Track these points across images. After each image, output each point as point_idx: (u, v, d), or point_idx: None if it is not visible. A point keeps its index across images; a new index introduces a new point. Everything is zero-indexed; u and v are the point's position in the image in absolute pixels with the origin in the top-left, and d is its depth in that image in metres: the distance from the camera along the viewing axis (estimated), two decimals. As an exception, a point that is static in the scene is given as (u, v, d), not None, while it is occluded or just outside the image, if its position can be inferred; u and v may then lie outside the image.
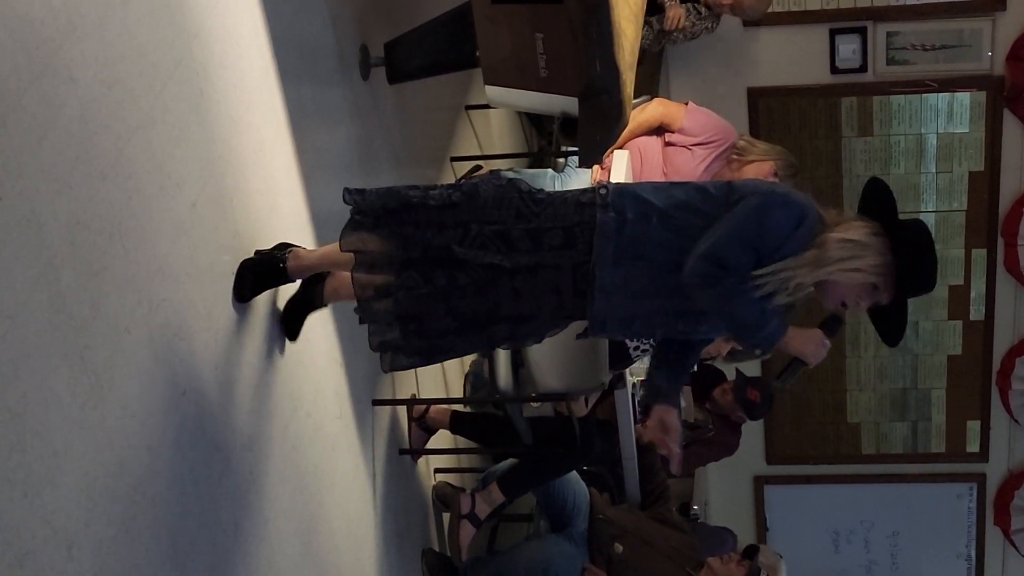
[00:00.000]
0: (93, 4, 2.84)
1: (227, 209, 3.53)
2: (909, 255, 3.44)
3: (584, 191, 3.55)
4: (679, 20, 6.42)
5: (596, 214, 3.45)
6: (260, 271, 3.65)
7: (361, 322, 3.64)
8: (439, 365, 5.81)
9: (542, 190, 3.54)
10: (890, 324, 3.60)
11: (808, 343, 3.56)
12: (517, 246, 3.45)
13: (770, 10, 6.98)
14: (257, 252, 3.68)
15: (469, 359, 6.31)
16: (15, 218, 2.47)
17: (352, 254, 3.53)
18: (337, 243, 3.61)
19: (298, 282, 3.86)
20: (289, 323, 3.93)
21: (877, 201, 3.56)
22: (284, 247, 3.73)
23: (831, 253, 3.38)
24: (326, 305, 3.99)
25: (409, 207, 3.49)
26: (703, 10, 6.54)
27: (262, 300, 3.74)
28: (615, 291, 3.47)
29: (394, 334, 3.59)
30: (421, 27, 4.86)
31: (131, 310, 2.91)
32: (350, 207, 3.54)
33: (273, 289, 3.80)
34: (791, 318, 3.56)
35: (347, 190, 3.54)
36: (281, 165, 3.97)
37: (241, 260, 3.60)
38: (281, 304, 3.90)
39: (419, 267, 3.48)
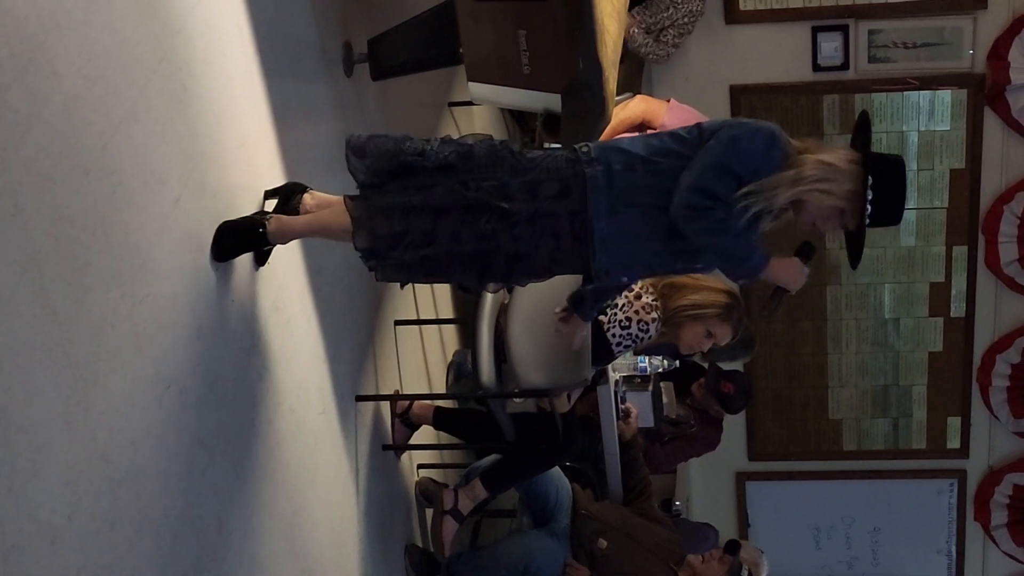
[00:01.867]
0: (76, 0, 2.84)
1: (210, 204, 3.53)
2: (879, 187, 3.55)
3: (571, 149, 3.68)
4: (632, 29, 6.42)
5: (584, 170, 3.58)
6: (240, 232, 3.66)
7: (369, 268, 3.73)
8: (422, 360, 5.82)
9: (532, 150, 3.70)
10: (851, 248, 3.73)
11: (789, 270, 3.72)
12: (515, 197, 3.57)
13: (753, 7, 7.02)
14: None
15: (451, 349, 6.33)
16: (-1, 213, 2.48)
17: (341, 224, 3.64)
18: (319, 210, 3.79)
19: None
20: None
21: (862, 134, 3.69)
22: (264, 213, 3.78)
23: (808, 171, 3.53)
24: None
25: (408, 170, 3.60)
26: None
27: (247, 295, 3.74)
28: (613, 240, 3.61)
29: (399, 274, 3.73)
30: (404, 24, 4.87)
31: (115, 305, 2.92)
32: (357, 181, 3.66)
33: (256, 279, 3.81)
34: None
35: (348, 148, 3.65)
36: (264, 161, 3.98)
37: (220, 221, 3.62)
38: (266, 304, 3.91)
39: (423, 222, 3.57)
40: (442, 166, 3.59)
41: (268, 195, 3.91)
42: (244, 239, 3.66)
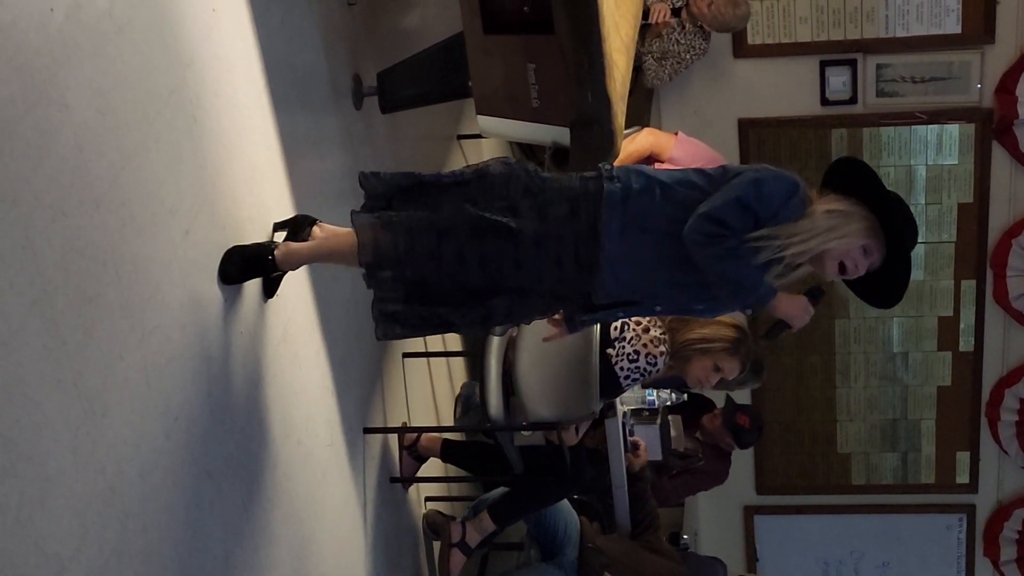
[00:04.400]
0: (88, 32, 2.86)
1: (220, 236, 3.54)
2: (890, 212, 3.60)
3: (593, 167, 3.68)
4: (664, 14, 6.45)
5: (602, 185, 3.57)
6: (247, 257, 3.67)
7: (368, 286, 3.70)
8: (430, 392, 5.82)
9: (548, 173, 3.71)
10: (894, 280, 3.75)
11: (794, 306, 3.73)
12: (523, 216, 3.57)
13: (761, 41, 7.04)
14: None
15: (459, 382, 6.32)
16: (9, 245, 2.49)
17: (348, 244, 3.64)
18: (326, 238, 3.79)
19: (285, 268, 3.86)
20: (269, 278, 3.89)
21: (843, 179, 3.69)
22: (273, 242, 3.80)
23: (821, 223, 3.55)
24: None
25: (421, 185, 3.62)
26: (688, 25, 6.58)
27: (255, 327, 3.75)
28: (620, 262, 3.59)
29: (397, 306, 3.67)
30: (414, 57, 4.89)
31: (124, 336, 2.92)
32: (365, 190, 3.65)
33: (264, 311, 3.82)
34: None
35: (363, 174, 3.67)
36: (273, 193, 3.99)
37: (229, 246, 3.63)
38: (274, 335, 3.91)
39: (427, 239, 3.57)
40: (457, 182, 3.61)
41: (277, 227, 3.92)
42: (251, 264, 3.67)
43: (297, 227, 3.90)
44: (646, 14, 6.46)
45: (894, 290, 3.77)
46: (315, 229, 3.89)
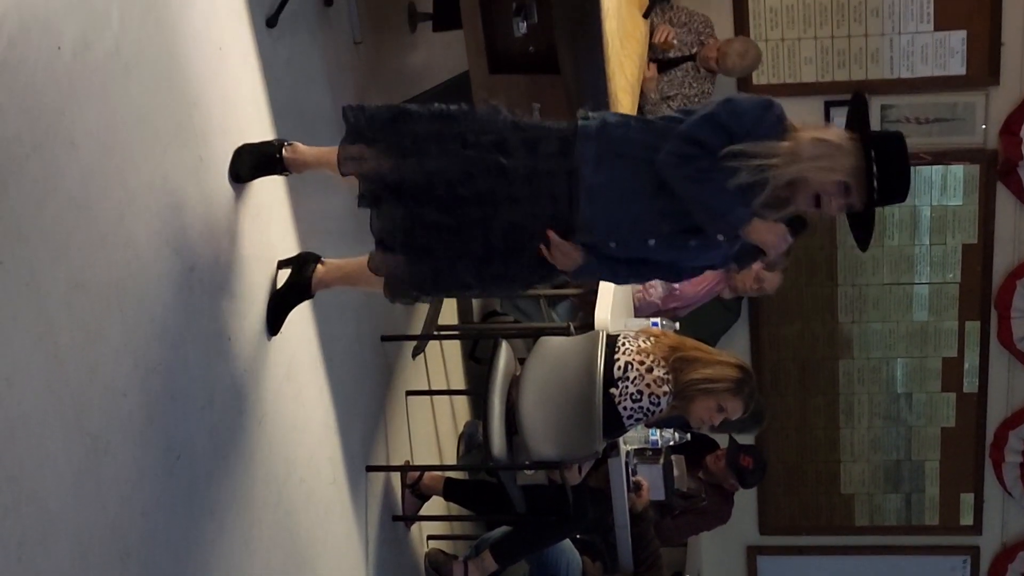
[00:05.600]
0: (95, 71, 2.87)
1: (224, 274, 3.55)
2: (883, 161, 3.49)
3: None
4: (668, 35, 6.48)
5: (578, 123, 3.57)
6: (257, 155, 3.72)
7: (362, 203, 3.70)
8: (432, 431, 5.81)
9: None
10: (860, 229, 3.64)
11: (771, 231, 3.56)
12: (514, 153, 3.55)
13: (766, 81, 7.06)
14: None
15: (462, 420, 6.32)
16: (15, 282, 2.49)
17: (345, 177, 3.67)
18: (325, 149, 3.78)
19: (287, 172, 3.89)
20: (273, 315, 3.92)
21: (858, 115, 3.63)
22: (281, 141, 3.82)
23: (805, 149, 3.45)
24: (313, 295, 4.00)
25: (407, 115, 3.60)
26: (702, 70, 6.63)
27: (258, 365, 3.75)
28: (600, 192, 3.55)
29: (401, 268, 3.70)
30: (419, 96, 4.91)
31: (128, 374, 2.92)
32: (348, 124, 3.65)
33: (268, 349, 3.82)
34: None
35: (347, 107, 3.66)
36: (278, 231, 4.00)
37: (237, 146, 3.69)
38: (277, 373, 3.91)
39: (415, 192, 3.58)
40: (442, 114, 3.60)
41: (282, 265, 3.93)
42: (261, 163, 3.72)
43: (301, 264, 3.92)
44: (650, 33, 6.50)
45: (861, 236, 3.64)
46: (319, 267, 3.91)
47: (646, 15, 5.21)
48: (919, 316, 7.67)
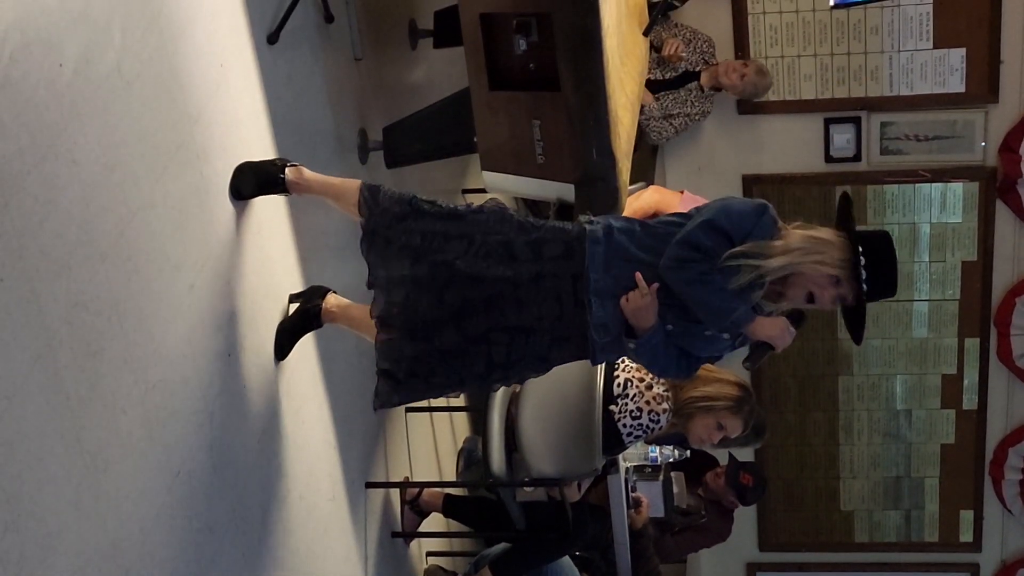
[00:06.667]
0: (97, 88, 2.87)
1: (224, 291, 3.55)
2: (871, 257, 3.57)
3: (577, 221, 3.75)
4: (677, 48, 6.50)
5: (585, 228, 3.65)
6: (259, 174, 3.74)
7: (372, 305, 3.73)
8: (432, 447, 5.80)
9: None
10: (853, 324, 3.73)
11: (775, 327, 3.66)
12: (519, 256, 3.62)
13: (767, 98, 7.06)
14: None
15: (462, 437, 6.31)
16: (15, 299, 2.49)
17: (356, 188, 3.71)
18: (341, 178, 3.85)
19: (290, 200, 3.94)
20: (281, 341, 3.96)
21: (845, 214, 3.74)
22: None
23: (796, 244, 3.56)
24: (322, 326, 4.06)
25: (418, 213, 3.64)
26: (707, 89, 6.66)
27: (258, 382, 3.75)
28: (608, 294, 3.62)
29: (399, 369, 3.74)
30: (419, 112, 4.91)
31: (127, 391, 2.92)
32: (360, 220, 3.68)
33: (268, 366, 3.82)
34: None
35: (363, 185, 3.71)
36: (279, 247, 4.00)
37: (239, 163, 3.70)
38: (277, 390, 3.91)
39: (429, 288, 3.62)
40: (451, 214, 3.65)
41: (293, 299, 3.97)
42: (262, 181, 3.74)
43: (310, 297, 3.95)
44: (659, 48, 6.52)
45: (854, 328, 3.74)
46: (329, 297, 3.96)
47: (646, 33, 5.21)
48: (919, 333, 7.67)
